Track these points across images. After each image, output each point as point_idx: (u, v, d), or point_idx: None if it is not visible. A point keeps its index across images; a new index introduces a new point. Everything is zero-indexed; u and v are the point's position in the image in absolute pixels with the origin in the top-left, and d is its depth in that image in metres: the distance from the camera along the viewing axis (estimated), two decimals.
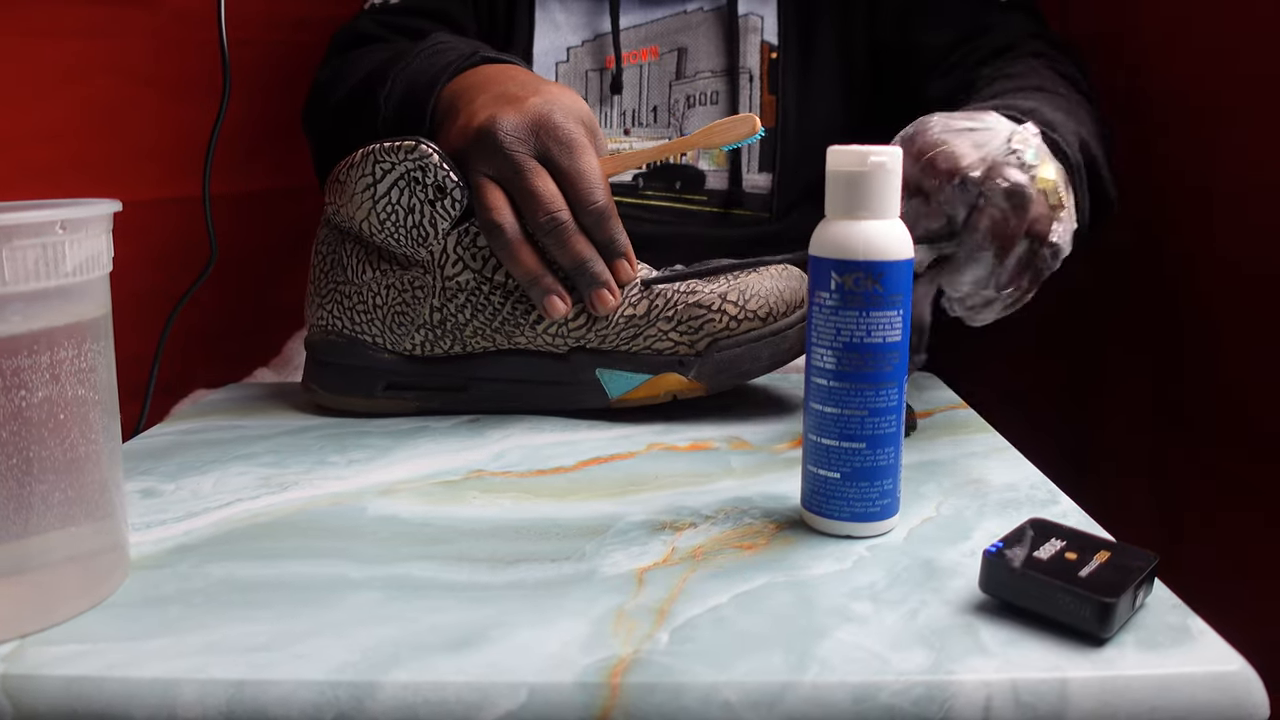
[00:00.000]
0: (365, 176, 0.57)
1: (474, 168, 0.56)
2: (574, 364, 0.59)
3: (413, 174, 0.56)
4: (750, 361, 0.58)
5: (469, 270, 0.57)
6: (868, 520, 0.42)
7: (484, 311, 0.58)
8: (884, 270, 0.40)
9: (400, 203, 0.56)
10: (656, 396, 0.59)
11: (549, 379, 0.59)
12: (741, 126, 0.59)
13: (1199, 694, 0.32)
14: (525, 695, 0.32)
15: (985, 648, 0.34)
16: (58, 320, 0.35)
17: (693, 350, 0.58)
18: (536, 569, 0.40)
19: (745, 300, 0.57)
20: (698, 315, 0.57)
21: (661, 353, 0.58)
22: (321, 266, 0.61)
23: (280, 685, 0.32)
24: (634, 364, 0.58)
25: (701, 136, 0.60)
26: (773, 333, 0.58)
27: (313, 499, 0.48)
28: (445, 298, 0.58)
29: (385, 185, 0.56)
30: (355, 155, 0.57)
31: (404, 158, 0.56)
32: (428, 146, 0.56)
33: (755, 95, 0.80)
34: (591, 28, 0.82)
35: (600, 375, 0.59)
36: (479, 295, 0.58)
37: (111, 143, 0.93)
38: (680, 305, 0.57)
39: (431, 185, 0.56)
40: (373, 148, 0.57)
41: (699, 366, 0.58)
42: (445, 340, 0.59)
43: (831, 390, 0.41)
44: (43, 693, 0.33)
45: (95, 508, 0.37)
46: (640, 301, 0.57)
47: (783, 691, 0.32)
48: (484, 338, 0.59)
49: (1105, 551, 0.37)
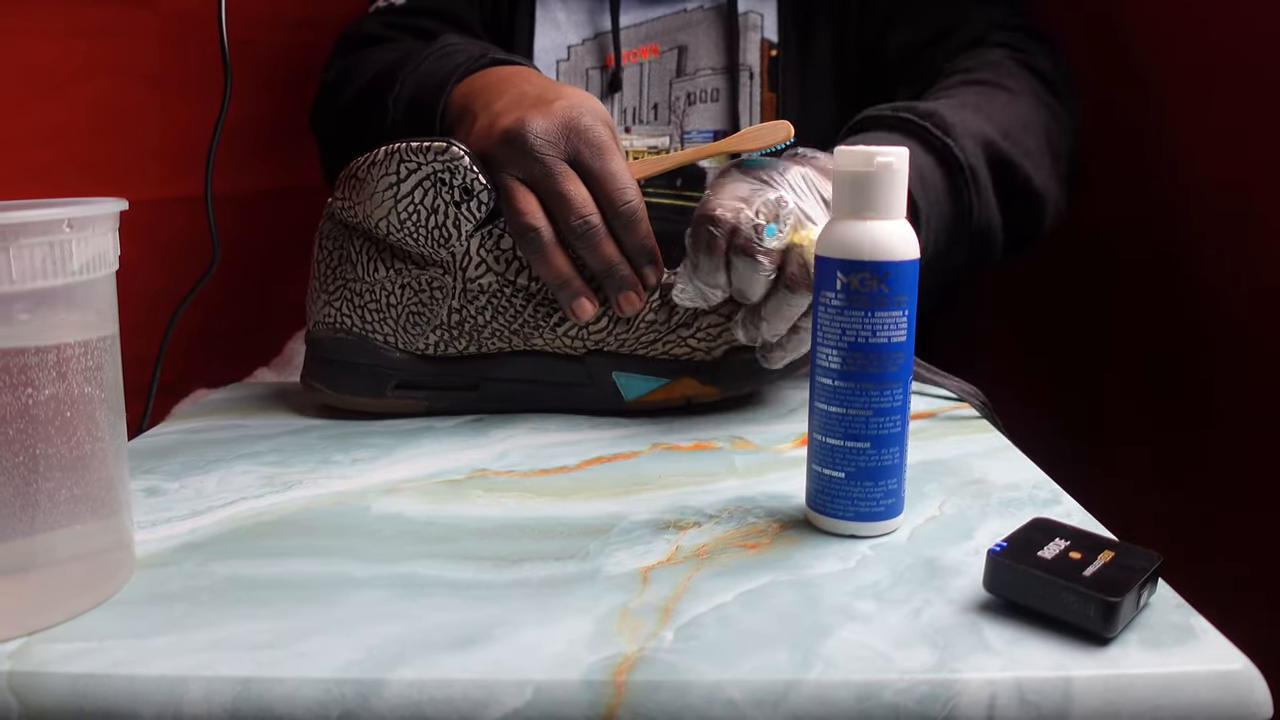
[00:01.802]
0: (388, 175, 0.56)
1: (503, 170, 0.56)
2: (590, 366, 0.59)
3: (440, 175, 0.55)
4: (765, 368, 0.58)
5: (492, 273, 0.57)
6: (872, 520, 0.42)
7: (505, 314, 0.58)
8: (890, 270, 0.40)
9: (424, 203, 0.56)
10: (672, 399, 0.59)
11: (564, 380, 0.59)
12: (775, 133, 0.59)
13: (1202, 693, 0.32)
14: (530, 693, 0.32)
15: (989, 646, 0.34)
16: (65, 318, 0.35)
17: (709, 356, 0.58)
18: (541, 568, 0.40)
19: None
20: (716, 323, 0.57)
21: (678, 358, 0.58)
22: (328, 262, 0.60)
23: (286, 683, 0.33)
24: (651, 368, 0.58)
25: (734, 141, 0.60)
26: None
27: (317, 498, 0.48)
28: (466, 299, 0.57)
29: (409, 185, 0.56)
30: (378, 153, 0.56)
31: (433, 158, 0.55)
32: (458, 148, 0.55)
33: (755, 93, 0.80)
34: (592, 26, 0.83)
35: (617, 378, 0.59)
36: (500, 298, 0.57)
37: (114, 143, 0.93)
38: (699, 312, 0.57)
39: (459, 187, 0.56)
40: (398, 146, 0.56)
41: (715, 372, 0.58)
42: (461, 340, 0.59)
43: (836, 390, 0.41)
44: (49, 690, 0.33)
45: (101, 505, 0.37)
46: (661, 308, 0.58)
47: (787, 690, 0.32)
48: (501, 339, 0.59)
49: (1109, 551, 0.37)
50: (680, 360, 0.58)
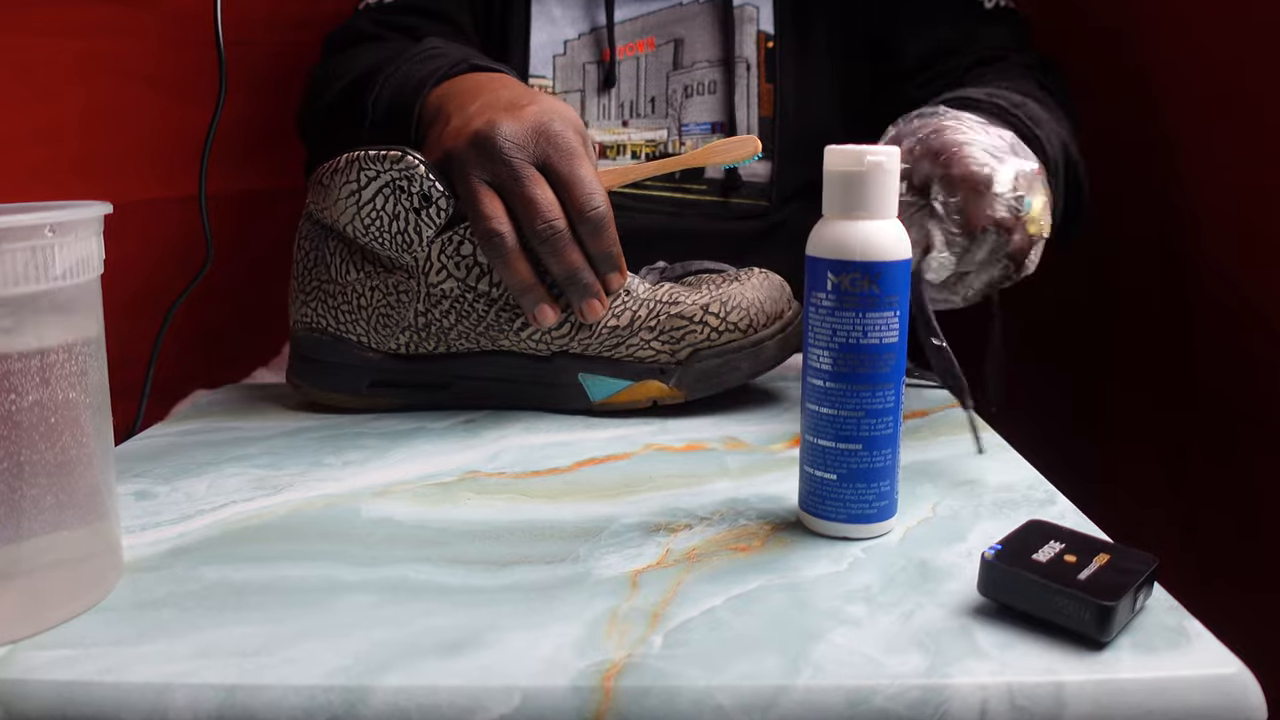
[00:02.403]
0: (350, 183, 0.57)
1: (470, 173, 0.55)
2: (557, 366, 0.59)
3: (398, 182, 0.56)
4: (730, 372, 0.59)
5: (453, 279, 0.57)
6: (865, 522, 0.42)
7: (468, 318, 0.58)
8: (881, 271, 0.40)
9: (385, 209, 0.56)
10: (638, 401, 0.60)
11: (532, 379, 0.60)
12: (743, 148, 0.60)
13: (1195, 697, 0.32)
14: (518, 699, 0.32)
15: (980, 650, 0.33)
16: (48, 323, 0.35)
17: (674, 359, 0.58)
18: (530, 571, 0.40)
19: (726, 312, 0.58)
20: (679, 326, 0.58)
21: (643, 360, 0.58)
22: (305, 263, 0.61)
23: (272, 690, 0.32)
24: (616, 370, 0.59)
25: (702, 155, 0.61)
26: (753, 344, 0.58)
27: (307, 501, 0.48)
28: (430, 303, 0.58)
29: (370, 192, 0.56)
30: (339, 160, 0.57)
31: (389, 167, 0.56)
32: (414, 157, 0.56)
33: (753, 84, 0.80)
34: (588, 20, 0.83)
35: (583, 379, 0.59)
36: (463, 303, 0.58)
37: (110, 142, 0.92)
38: (663, 316, 0.58)
39: (417, 194, 0.56)
40: (357, 154, 0.56)
41: (680, 375, 0.59)
42: (430, 341, 0.59)
43: (828, 391, 0.41)
44: (34, 698, 0.33)
45: (87, 511, 0.37)
46: (624, 312, 0.58)
47: (776, 695, 0.32)
48: (469, 340, 0.59)
49: (1105, 554, 0.36)
50: (645, 363, 0.58)
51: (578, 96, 0.82)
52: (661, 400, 0.59)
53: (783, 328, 0.59)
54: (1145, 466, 0.80)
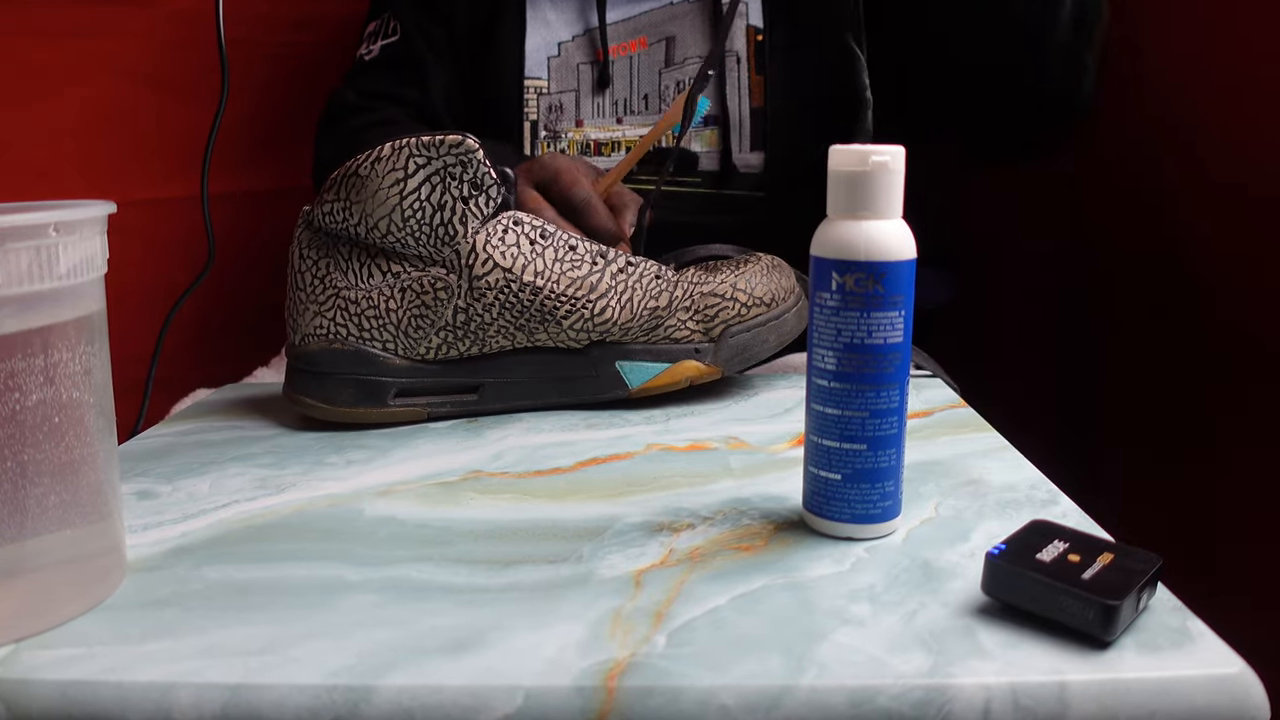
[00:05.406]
0: (395, 171, 0.55)
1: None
2: (593, 358, 0.60)
3: (450, 168, 0.55)
4: (759, 345, 0.62)
5: (499, 269, 0.57)
6: (869, 522, 0.42)
7: (511, 309, 0.58)
8: (886, 270, 0.39)
9: (430, 199, 0.56)
10: (676, 383, 0.61)
11: (567, 374, 0.60)
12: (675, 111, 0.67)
13: (1199, 697, 0.32)
14: (522, 699, 0.32)
15: (984, 650, 0.33)
16: (52, 323, 0.35)
17: (707, 337, 0.60)
18: (534, 571, 0.40)
19: (751, 288, 0.61)
20: (713, 304, 0.60)
21: (679, 341, 0.60)
22: (313, 272, 0.58)
23: (276, 689, 0.32)
24: (653, 354, 0.60)
25: (661, 126, 0.67)
26: (776, 316, 0.62)
27: (310, 500, 0.48)
28: (473, 297, 0.57)
29: (417, 180, 0.55)
30: (382, 149, 0.56)
31: (445, 152, 0.55)
32: (473, 140, 0.56)
33: (743, 77, 0.82)
34: (582, 22, 0.85)
35: (620, 367, 0.60)
36: (507, 293, 0.57)
37: (112, 142, 0.93)
38: (696, 295, 0.61)
39: (468, 181, 0.56)
40: (406, 141, 0.55)
41: (715, 352, 0.60)
42: (464, 341, 0.58)
43: (832, 391, 0.41)
44: (38, 697, 0.33)
45: (91, 510, 0.37)
46: (661, 294, 0.60)
47: (780, 695, 0.32)
48: (506, 336, 0.59)
49: (1109, 553, 0.36)
50: (680, 343, 0.60)
51: (573, 96, 0.84)
52: (697, 380, 0.61)
53: (796, 300, 0.63)
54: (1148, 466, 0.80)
